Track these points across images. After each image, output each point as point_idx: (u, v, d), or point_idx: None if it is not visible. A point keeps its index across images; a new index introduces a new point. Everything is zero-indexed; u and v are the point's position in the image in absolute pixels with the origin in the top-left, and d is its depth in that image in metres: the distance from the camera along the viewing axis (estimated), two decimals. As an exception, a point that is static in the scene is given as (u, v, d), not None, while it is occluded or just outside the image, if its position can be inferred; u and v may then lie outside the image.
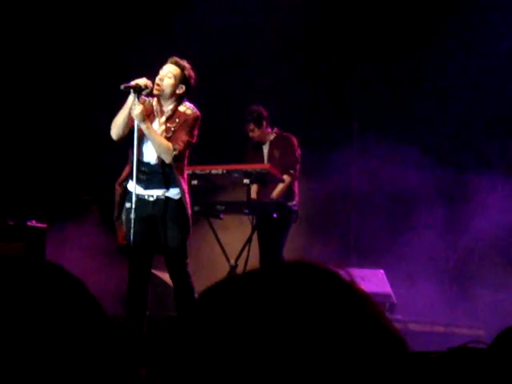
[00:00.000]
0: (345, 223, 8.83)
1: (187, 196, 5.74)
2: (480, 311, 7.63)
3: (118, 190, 5.76)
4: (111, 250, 6.73)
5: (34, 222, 6.93)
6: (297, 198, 7.49)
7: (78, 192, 8.21)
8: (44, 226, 6.94)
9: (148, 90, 5.66)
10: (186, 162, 5.79)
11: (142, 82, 5.62)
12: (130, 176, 5.72)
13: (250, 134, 7.59)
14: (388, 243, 8.10)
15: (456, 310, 7.72)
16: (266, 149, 7.64)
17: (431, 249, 8.16)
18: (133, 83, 5.60)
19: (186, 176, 5.80)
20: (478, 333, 6.92)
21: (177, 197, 5.72)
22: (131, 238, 5.58)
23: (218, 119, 8.22)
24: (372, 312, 1.00)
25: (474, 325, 7.31)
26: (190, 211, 5.74)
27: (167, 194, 5.72)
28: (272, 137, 7.63)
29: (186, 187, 5.75)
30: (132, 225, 5.57)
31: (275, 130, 7.65)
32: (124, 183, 5.76)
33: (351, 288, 1.02)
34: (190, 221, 5.75)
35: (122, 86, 5.60)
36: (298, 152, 7.54)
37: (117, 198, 5.76)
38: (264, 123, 7.55)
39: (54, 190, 8.32)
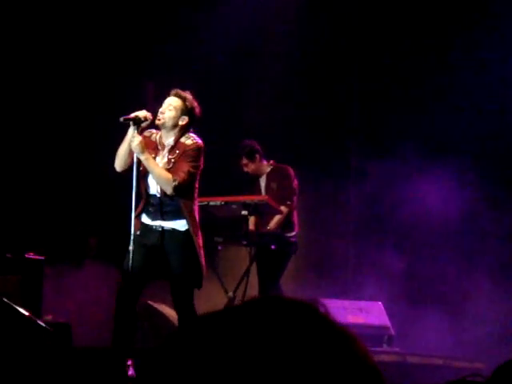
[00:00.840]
0: (343, 255, 8.83)
1: (196, 227, 5.73)
2: (479, 344, 7.60)
3: (136, 222, 5.75)
4: (110, 282, 6.71)
5: (31, 254, 6.92)
6: (296, 229, 7.50)
7: (74, 224, 8.21)
8: (42, 258, 6.93)
9: (148, 122, 5.69)
10: (195, 193, 5.78)
11: (142, 114, 5.65)
12: (142, 209, 5.73)
13: (245, 169, 7.63)
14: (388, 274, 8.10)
15: (455, 343, 7.70)
16: (263, 182, 7.67)
17: (430, 282, 8.16)
18: (132, 115, 5.63)
19: (196, 208, 5.78)
20: (477, 366, 6.89)
21: (183, 228, 5.72)
22: (130, 264, 5.58)
23: (216, 151, 8.24)
24: (348, 344, 1.05)
25: (473, 358, 7.28)
26: (199, 242, 5.71)
27: (173, 226, 5.72)
28: (268, 169, 7.66)
29: (195, 218, 5.73)
30: (131, 254, 5.58)
31: (271, 162, 7.68)
32: (140, 215, 5.77)
33: (326, 321, 1.07)
34: (200, 251, 5.71)
35: (121, 119, 5.62)
36: (295, 183, 7.57)
37: (134, 231, 5.74)
38: (257, 157, 7.59)
39: (51, 222, 8.32)
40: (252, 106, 8.83)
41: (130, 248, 5.60)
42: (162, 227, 5.72)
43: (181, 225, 5.71)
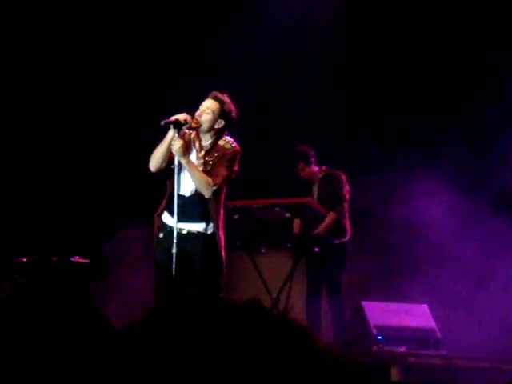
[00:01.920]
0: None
1: (221, 231, 5.71)
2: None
3: (156, 221, 5.77)
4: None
5: (77, 257, 6.97)
6: (349, 234, 7.51)
7: (115, 227, 8.23)
8: (87, 261, 6.97)
9: (188, 125, 5.68)
10: (223, 197, 5.77)
11: (182, 117, 5.65)
12: (165, 208, 5.73)
13: (301, 174, 7.63)
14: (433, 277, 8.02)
15: (502, 345, 7.59)
16: (315, 188, 7.67)
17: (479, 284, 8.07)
18: (173, 118, 5.63)
19: (222, 211, 5.77)
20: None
21: (209, 231, 5.71)
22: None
23: (258, 153, 8.23)
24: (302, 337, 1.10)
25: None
26: (223, 246, 5.70)
27: (199, 229, 5.71)
28: (321, 175, 7.67)
29: (221, 222, 5.72)
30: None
31: (323, 168, 7.69)
32: (161, 215, 5.77)
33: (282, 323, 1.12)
34: (223, 256, 5.70)
35: (163, 122, 5.62)
36: (346, 188, 7.58)
37: (155, 230, 5.76)
38: (312, 161, 7.60)
39: (93, 225, 8.36)
40: (301, 114, 8.79)
41: (160, 247, 5.60)
42: (188, 230, 5.71)
43: (207, 228, 5.70)
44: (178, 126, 5.61)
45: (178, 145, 5.58)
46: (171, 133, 5.61)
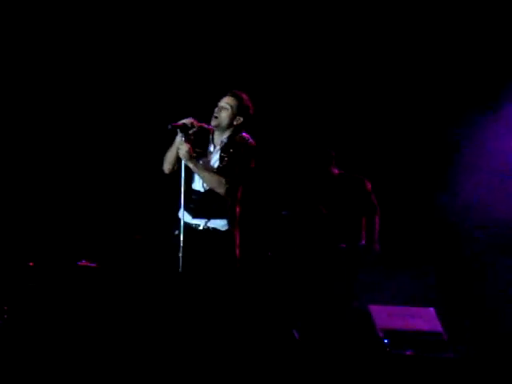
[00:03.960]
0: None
1: (237, 228, 5.73)
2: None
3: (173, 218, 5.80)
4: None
5: (83, 261, 7.01)
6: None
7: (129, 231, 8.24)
8: (94, 265, 7.01)
9: (195, 129, 5.72)
10: (239, 195, 5.79)
11: (188, 121, 5.70)
12: (181, 204, 5.74)
13: (327, 175, 7.60)
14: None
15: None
16: (328, 190, 7.67)
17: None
18: (180, 123, 5.68)
19: (238, 209, 5.78)
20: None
21: (224, 228, 5.72)
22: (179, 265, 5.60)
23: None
24: None
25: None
26: (237, 244, 5.72)
27: (214, 225, 5.72)
28: (341, 178, 7.64)
29: (236, 219, 5.74)
30: (180, 254, 5.59)
31: (341, 171, 7.70)
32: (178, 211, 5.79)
33: None
34: (237, 254, 5.72)
35: (169, 126, 5.67)
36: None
37: (173, 230, 5.78)
38: (333, 163, 7.62)
39: (106, 229, 8.37)
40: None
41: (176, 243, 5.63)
42: (204, 226, 5.72)
43: (222, 224, 5.71)
44: (185, 130, 5.66)
45: (184, 150, 5.64)
46: (178, 137, 5.67)
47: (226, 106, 5.76)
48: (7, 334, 6.45)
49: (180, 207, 5.68)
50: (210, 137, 5.85)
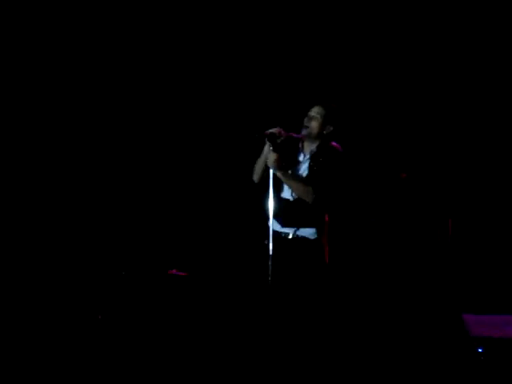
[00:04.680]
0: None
1: (325, 237, 5.73)
2: None
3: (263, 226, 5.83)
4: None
5: (174, 270, 7.08)
6: None
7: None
8: (184, 274, 7.08)
9: (282, 138, 5.73)
10: (329, 203, 5.78)
11: (276, 130, 5.72)
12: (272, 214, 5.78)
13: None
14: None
15: None
16: None
17: None
18: (267, 132, 5.70)
19: (326, 217, 5.78)
20: None
21: (313, 237, 5.72)
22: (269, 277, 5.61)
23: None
24: None
25: None
26: (326, 253, 5.71)
27: (302, 234, 5.73)
28: None
29: (325, 228, 5.73)
30: (270, 262, 5.59)
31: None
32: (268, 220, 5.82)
33: None
34: (327, 262, 5.71)
35: (257, 135, 5.71)
36: None
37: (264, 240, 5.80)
38: None
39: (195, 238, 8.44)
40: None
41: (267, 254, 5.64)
42: (293, 234, 5.73)
43: (311, 233, 5.71)
44: (273, 139, 5.68)
45: (272, 159, 5.67)
46: (266, 147, 5.70)
47: (315, 116, 5.80)
48: (101, 336, 6.56)
49: (269, 216, 5.71)
50: (300, 146, 5.88)
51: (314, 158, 5.79)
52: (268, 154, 5.69)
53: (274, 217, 5.70)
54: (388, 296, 7.40)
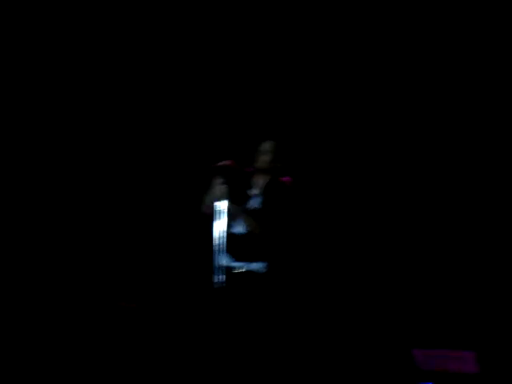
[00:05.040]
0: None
1: (278, 270, 5.78)
2: None
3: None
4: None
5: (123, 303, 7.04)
6: None
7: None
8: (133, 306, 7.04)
9: (234, 172, 5.75)
10: (279, 236, 5.83)
11: (227, 163, 5.73)
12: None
13: None
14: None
15: None
16: None
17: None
18: (218, 165, 5.73)
19: (279, 249, 5.83)
20: None
21: (264, 270, 5.76)
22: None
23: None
24: None
25: None
26: (279, 285, 5.76)
27: (254, 267, 5.75)
28: None
29: (277, 260, 5.80)
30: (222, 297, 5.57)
31: None
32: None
33: None
34: (279, 294, 5.76)
35: (208, 168, 5.72)
36: None
37: None
38: None
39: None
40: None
41: None
42: (244, 268, 5.75)
43: (262, 266, 5.74)
44: (224, 172, 5.68)
45: (222, 192, 5.67)
46: (217, 179, 5.70)
47: (266, 151, 5.82)
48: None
49: (217, 251, 5.71)
50: (251, 180, 5.88)
51: (264, 193, 5.80)
52: (218, 187, 5.69)
53: (226, 251, 5.70)
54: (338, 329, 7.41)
